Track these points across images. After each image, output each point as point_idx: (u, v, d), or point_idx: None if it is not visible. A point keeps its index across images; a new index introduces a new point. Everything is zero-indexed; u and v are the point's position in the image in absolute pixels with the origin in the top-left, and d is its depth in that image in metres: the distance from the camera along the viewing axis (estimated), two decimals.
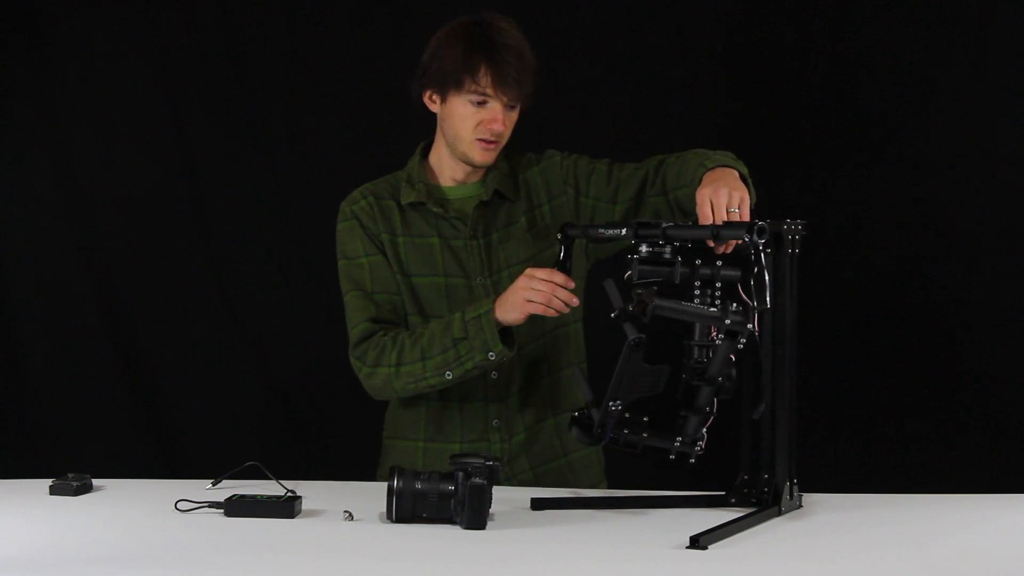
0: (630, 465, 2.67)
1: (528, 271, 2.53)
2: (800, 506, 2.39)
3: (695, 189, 2.42)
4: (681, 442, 2.31)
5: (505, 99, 2.61)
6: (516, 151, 2.80)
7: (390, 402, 2.80)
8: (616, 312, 2.27)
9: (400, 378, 2.64)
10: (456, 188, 2.75)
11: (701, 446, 2.32)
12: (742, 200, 2.36)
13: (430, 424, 2.74)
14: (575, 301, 2.52)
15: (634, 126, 3.56)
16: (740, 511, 2.34)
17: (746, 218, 2.35)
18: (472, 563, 2.07)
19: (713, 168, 2.47)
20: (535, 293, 2.51)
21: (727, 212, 2.33)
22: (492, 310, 2.56)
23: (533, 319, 2.69)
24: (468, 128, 2.64)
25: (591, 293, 2.74)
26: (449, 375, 2.60)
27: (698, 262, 2.29)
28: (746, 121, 3.53)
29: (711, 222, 2.33)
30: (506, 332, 2.59)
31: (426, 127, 2.78)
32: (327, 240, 2.79)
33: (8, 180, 3.63)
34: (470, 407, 2.72)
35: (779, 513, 2.34)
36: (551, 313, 2.52)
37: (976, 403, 3.45)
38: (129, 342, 3.65)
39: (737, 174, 2.46)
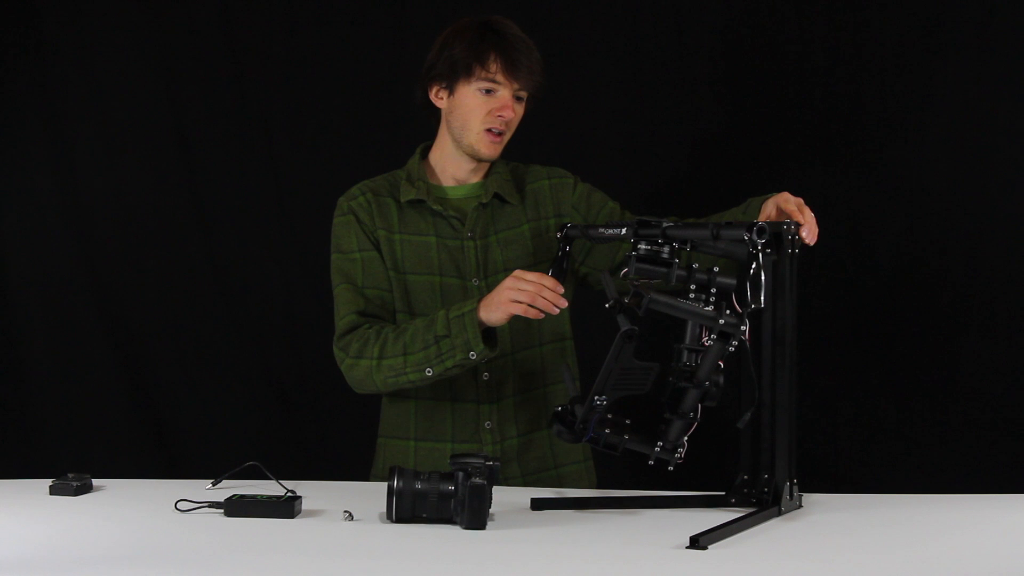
0: (621, 480, 2.67)
1: (516, 272, 2.52)
2: (800, 506, 2.40)
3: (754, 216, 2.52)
4: (661, 447, 2.31)
5: (515, 86, 2.63)
6: (519, 160, 2.82)
7: (383, 400, 2.80)
8: (611, 303, 2.27)
9: (381, 371, 2.63)
10: (456, 188, 2.76)
11: (681, 454, 2.31)
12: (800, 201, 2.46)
13: (421, 423, 2.74)
14: (563, 303, 2.50)
15: (633, 126, 3.56)
16: (740, 511, 2.34)
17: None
18: (472, 563, 2.07)
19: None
20: (520, 293, 2.49)
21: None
22: (476, 309, 2.55)
23: (530, 327, 2.69)
24: (477, 118, 2.65)
25: (580, 320, 2.75)
26: (429, 372, 2.59)
27: (695, 266, 2.29)
28: (746, 121, 3.53)
29: (798, 219, 2.41)
30: (491, 333, 2.59)
31: (425, 127, 2.78)
32: (327, 240, 2.79)
33: (8, 181, 3.63)
34: (461, 407, 2.72)
35: (779, 513, 2.34)
36: (533, 314, 2.50)
37: (976, 403, 3.44)
38: (129, 342, 3.65)
39: None
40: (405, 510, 2.25)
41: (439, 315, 2.59)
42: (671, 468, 2.33)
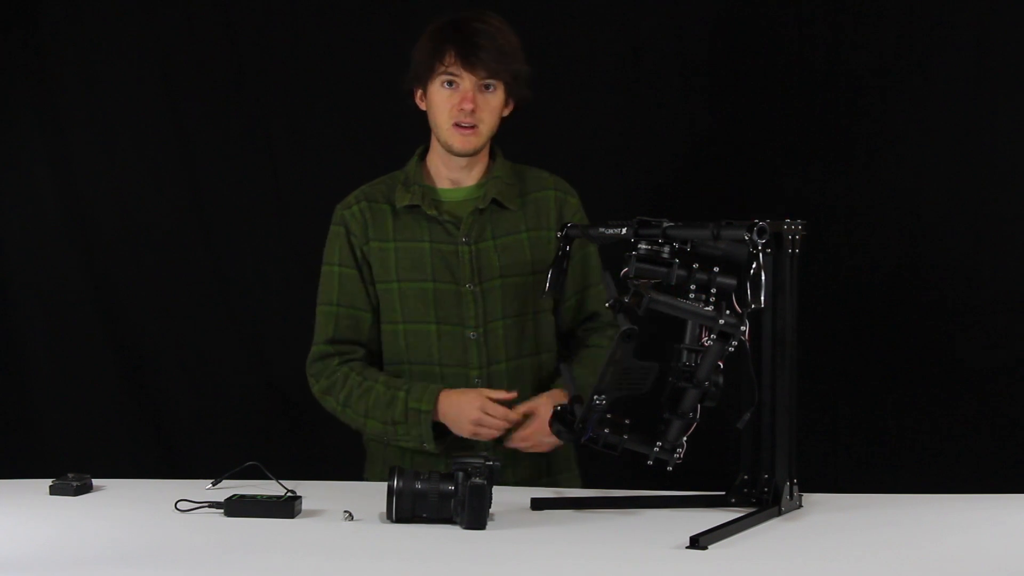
0: (616, 481, 2.67)
1: (485, 406, 2.60)
2: (800, 506, 2.40)
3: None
4: (661, 448, 2.31)
5: (474, 78, 2.62)
6: (539, 163, 2.82)
7: None
8: (611, 302, 2.27)
9: (345, 416, 2.73)
10: (452, 191, 2.75)
11: (680, 454, 2.31)
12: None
13: None
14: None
15: (632, 127, 3.55)
16: (740, 511, 2.34)
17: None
18: (472, 563, 2.07)
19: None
20: (484, 430, 2.61)
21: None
22: (433, 412, 2.61)
23: (523, 337, 2.71)
24: (444, 113, 2.66)
25: None
26: (387, 441, 2.70)
27: (695, 266, 2.28)
28: (745, 122, 3.52)
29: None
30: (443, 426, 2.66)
31: (424, 127, 2.78)
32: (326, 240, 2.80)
33: (8, 180, 3.63)
34: None
35: (779, 513, 2.34)
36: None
37: (976, 403, 3.44)
38: (129, 342, 3.65)
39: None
40: (405, 510, 2.24)
41: (399, 398, 2.65)
42: (670, 468, 2.33)
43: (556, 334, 2.80)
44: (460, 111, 2.64)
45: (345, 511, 2.32)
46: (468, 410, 2.59)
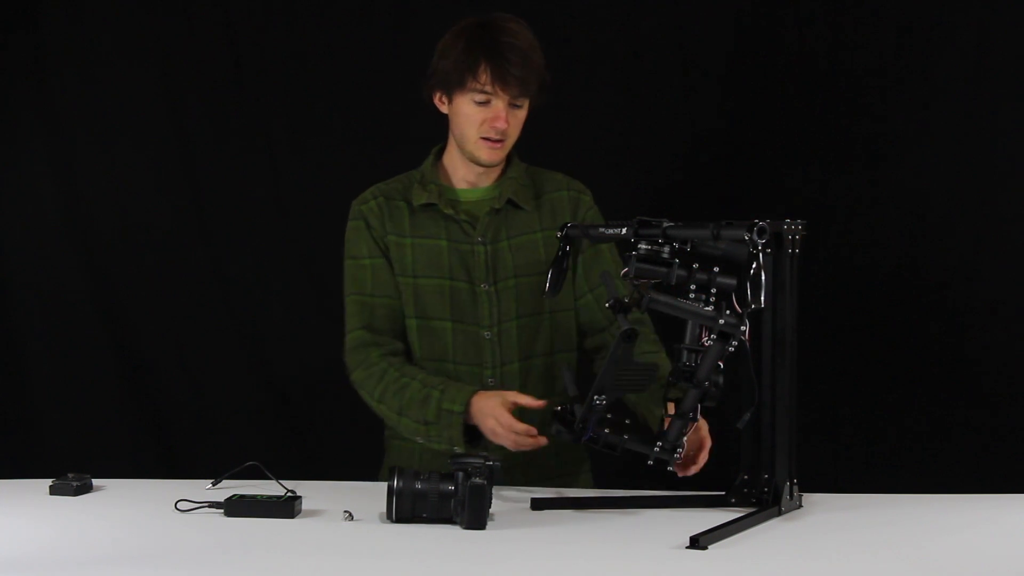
0: (619, 481, 2.67)
1: (497, 418, 2.53)
2: (800, 506, 2.40)
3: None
4: (660, 447, 2.31)
5: (507, 97, 2.61)
6: (538, 163, 2.81)
7: None
8: (611, 302, 2.27)
9: (380, 411, 2.71)
10: (468, 191, 2.75)
11: (680, 453, 2.31)
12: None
13: None
14: (542, 441, 2.53)
15: (632, 126, 3.56)
16: (740, 511, 2.34)
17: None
18: (472, 563, 2.07)
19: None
20: (501, 439, 2.53)
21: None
22: (464, 412, 2.57)
23: (537, 337, 2.71)
24: (473, 127, 2.64)
25: None
26: (420, 440, 2.66)
27: (695, 266, 2.28)
28: (746, 122, 3.52)
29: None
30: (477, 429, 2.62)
31: (428, 128, 2.78)
32: (327, 240, 2.79)
33: (8, 181, 3.63)
34: None
35: (779, 513, 2.34)
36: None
37: (976, 403, 3.44)
38: (129, 342, 3.65)
39: None
40: (405, 510, 2.25)
41: (433, 396, 2.61)
42: (670, 468, 2.33)
43: (577, 332, 2.79)
44: (493, 128, 2.63)
45: (345, 511, 2.32)
46: (484, 418, 2.56)
